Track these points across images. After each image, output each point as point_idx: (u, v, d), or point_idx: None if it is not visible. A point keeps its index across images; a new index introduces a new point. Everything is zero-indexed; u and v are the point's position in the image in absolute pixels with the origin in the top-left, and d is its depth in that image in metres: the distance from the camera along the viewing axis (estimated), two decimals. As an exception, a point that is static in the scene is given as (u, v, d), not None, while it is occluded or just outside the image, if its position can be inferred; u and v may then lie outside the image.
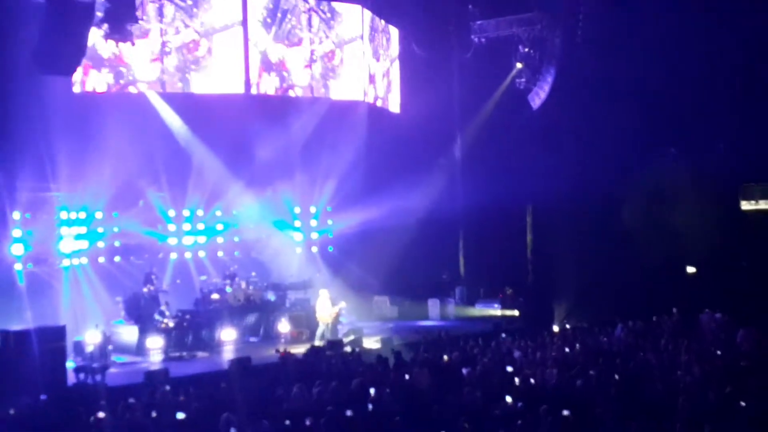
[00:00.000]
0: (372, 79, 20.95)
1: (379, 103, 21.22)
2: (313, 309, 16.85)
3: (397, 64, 21.70)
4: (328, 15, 19.97)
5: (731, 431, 8.18)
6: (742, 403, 8.94)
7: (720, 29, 17.58)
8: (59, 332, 13.19)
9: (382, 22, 21.14)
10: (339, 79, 20.14)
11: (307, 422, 8.82)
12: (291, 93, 19.32)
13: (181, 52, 17.70)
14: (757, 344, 12.88)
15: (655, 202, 19.07)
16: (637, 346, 13.19)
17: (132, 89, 17.16)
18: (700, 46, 17.79)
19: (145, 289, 16.19)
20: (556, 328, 18.01)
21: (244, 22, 18.42)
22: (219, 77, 18.15)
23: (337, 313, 16.56)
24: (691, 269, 19.26)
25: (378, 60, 21.10)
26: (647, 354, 12.19)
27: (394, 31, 21.53)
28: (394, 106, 21.66)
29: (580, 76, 18.93)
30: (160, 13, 17.42)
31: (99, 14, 13.65)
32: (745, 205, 19.32)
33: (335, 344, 15.09)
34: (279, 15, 19.04)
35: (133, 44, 16.02)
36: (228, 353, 15.02)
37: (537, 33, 20.10)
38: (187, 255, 18.34)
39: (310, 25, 19.59)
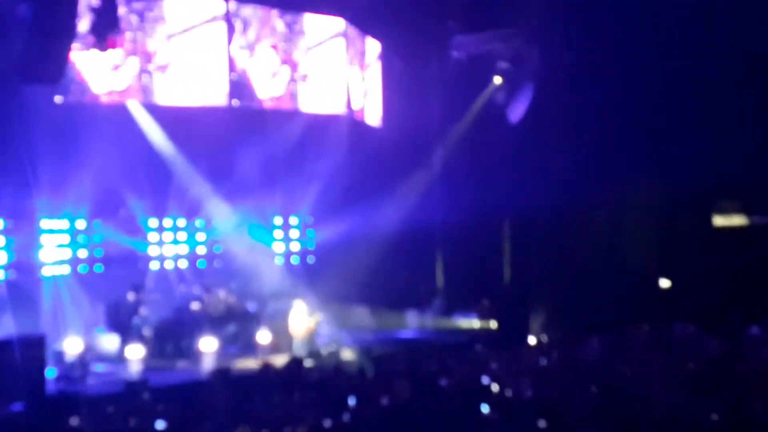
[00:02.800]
0: (348, 90, 20.92)
1: (357, 116, 21.31)
2: (290, 321, 16.91)
3: (376, 76, 21.78)
4: (295, 24, 19.79)
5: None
6: (714, 416, 9.11)
7: (696, 45, 17.87)
8: (40, 341, 13.27)
9: (356, 31, 21.07)
10: (309, 89, 20.02)
11: (286, 431, 8.92)
12: (258, 104, 19.21)
13: (146, 60, 17.66)
14: (728, 357, 13.05)
15: (628, 218, 19.34)
16: (612, 359, 13.35)
17: (104, 98, 17.09)
18: (677, 61, 18.08)
19: (128, 298, 16.22)
20: (532, 340, 18.17)
21: (211, 32, 18.40)
22: (187, 88, 18.11)
23: (313, 325, 16.62)
24: (665, 283, 19.50)
25: (352, 71, 21.11)
26: (622, 366, 12.35)
27: (370, 43, 21.57)
28: (374, 119, 21.77)
29: (559, 92, 19.15)
30: (125, 21, 17.28)
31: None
32: (719, 221, 19.61)
33: (315, 355, 15.18)
34: (244, 24, 18.98)
35: (107, 50, 15.89)
36: (208, 363, 15.06)
37: (516, 49, 20.32)
38: (168, 264, 18.42)
39: (275, 33, 19.46)
